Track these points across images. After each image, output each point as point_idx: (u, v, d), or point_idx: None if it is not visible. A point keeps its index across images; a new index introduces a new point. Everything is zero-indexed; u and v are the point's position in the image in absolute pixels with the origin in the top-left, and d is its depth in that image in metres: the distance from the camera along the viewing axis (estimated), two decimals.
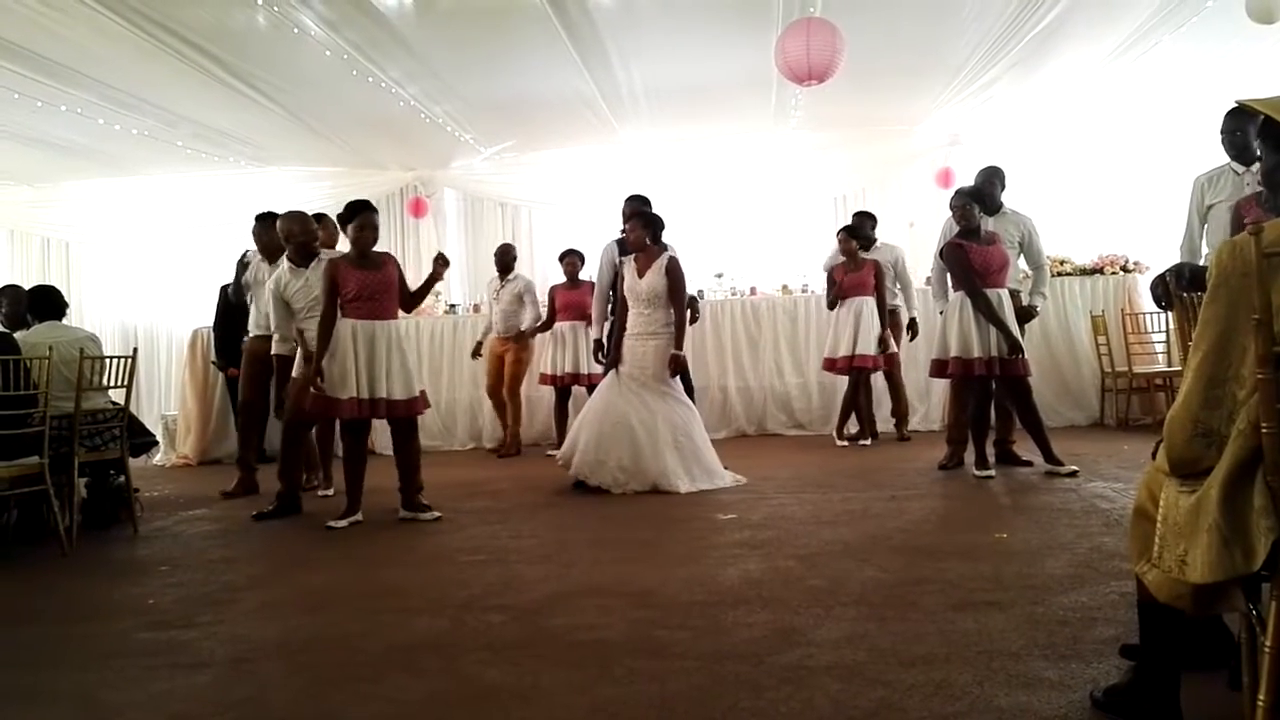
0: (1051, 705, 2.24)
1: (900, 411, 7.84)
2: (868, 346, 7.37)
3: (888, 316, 7.52)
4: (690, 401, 6.05)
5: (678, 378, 5.88)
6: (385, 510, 5.65)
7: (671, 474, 5.63)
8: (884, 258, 7.74)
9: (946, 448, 6.17)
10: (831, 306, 7.62)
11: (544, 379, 8.06)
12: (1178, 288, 2.45)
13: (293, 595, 3.75)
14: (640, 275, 5.83)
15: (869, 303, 7.42)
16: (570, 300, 7.85)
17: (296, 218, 5.67)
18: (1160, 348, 8.09)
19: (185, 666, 2.87)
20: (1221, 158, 5.01)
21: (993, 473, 5.62)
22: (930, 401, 8.32)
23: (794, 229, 9.80)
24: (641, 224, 5.92)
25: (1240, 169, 4.93)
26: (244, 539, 5.13)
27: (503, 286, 8.12)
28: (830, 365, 7.63)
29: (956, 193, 5.92)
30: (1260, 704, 1.69)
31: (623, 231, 6.27)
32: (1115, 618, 2.79)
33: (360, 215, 5.04)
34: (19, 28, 5.87)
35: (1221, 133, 4.91)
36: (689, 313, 6.15)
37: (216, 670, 2.83)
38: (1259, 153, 5.00)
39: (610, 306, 6.39)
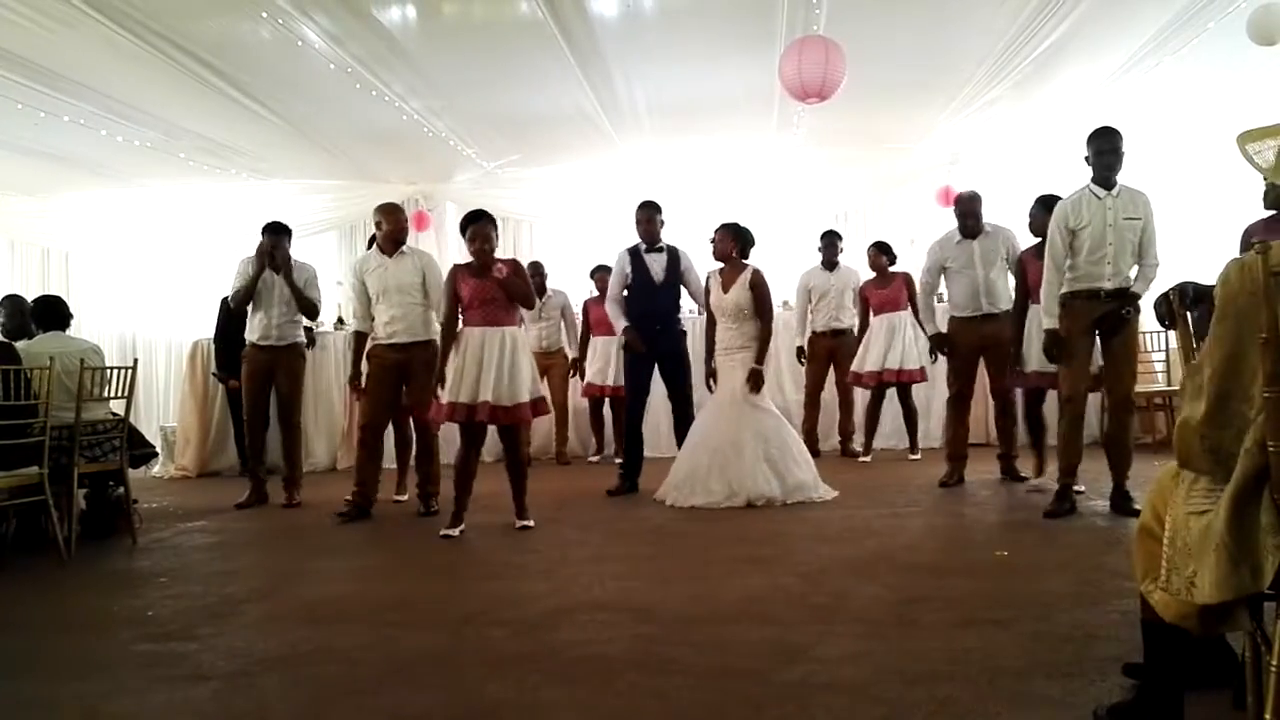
0: None
1: (847, 429, 7.91)
2: (909, 360, 7.41)
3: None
4: (777, 412, 6.06)
5: (763, 390, 5.90)
6: (388, 521, 5.67)
7: (762, 487, 5.59)
8: (846, 279, 7.77)
9: (947, 464, 6.18)
10: (864, 327, 7.66)
11: (585, 391, 8.29)
12: (1181, 306, 2.46)
13: (293, 608, 3.74)
14: (725, 290, 5.89)
15: (903, 317, 7.45)
16: (602, 315, 7.92)
17: (384, 209, 5.90)
18: (1160, 367, 8.10)
19: (185, 679, 2.86)
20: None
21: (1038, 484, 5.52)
22: (930, 420, 8.31)
23: (795, 245, 9.81)
24: (731, 236, 5.96)
25: (1102, 193, 4.86)
26: (244, 551, 5.13)
27: (542, 304, 8.25)
28: (857, 380, 7.65)
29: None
30: None
31: (638, 246, 6.42)
32: (1118, 636, 2.78)
33: (472, 226, 5.06)
34: (22, 39, 5.89)
35: (1097, 153, 4.86)
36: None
37: (216, 683, 2.81)
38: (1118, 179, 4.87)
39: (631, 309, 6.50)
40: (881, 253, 7.65)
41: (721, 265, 6.02)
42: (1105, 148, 4.85)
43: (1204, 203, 7.84)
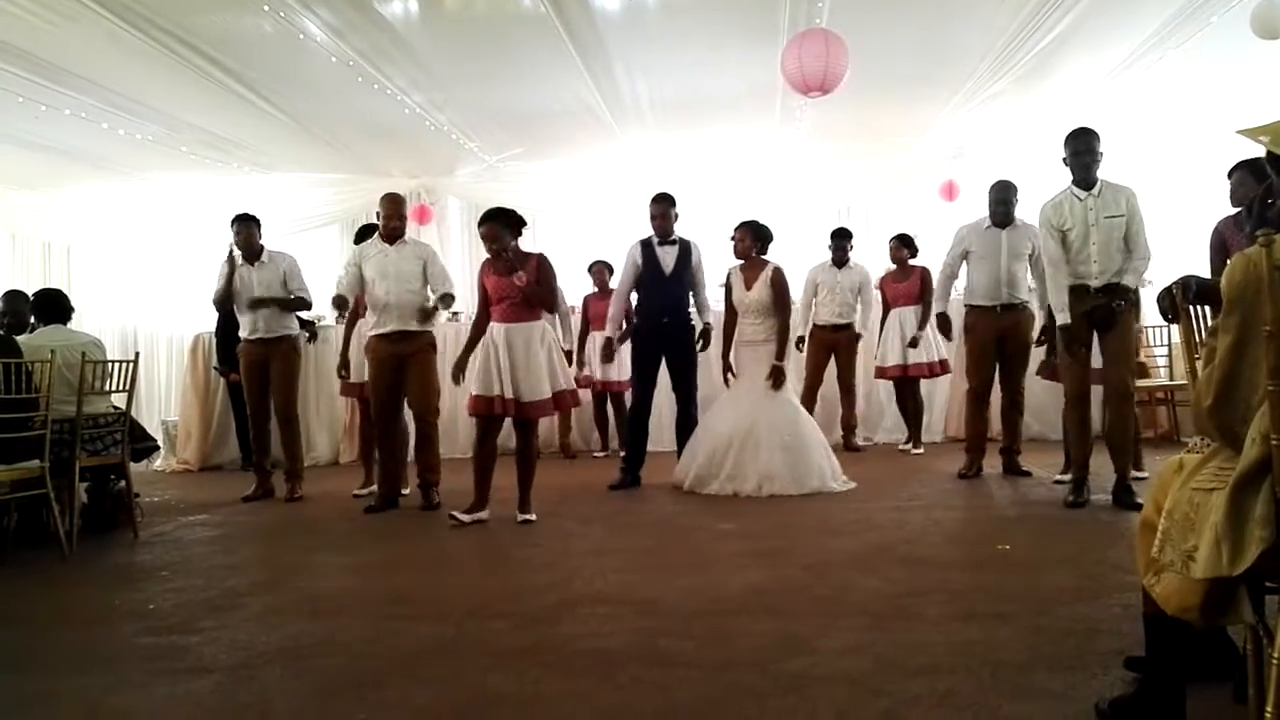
0: (1056, 716, 2.23)
1: (849, 423, 7.92)
2: (920, 354, 7.49)
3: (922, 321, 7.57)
4: (797, 402, 6.18)
5: (787, 382, 6.04)
6: (390, 514, 5.67)
7: (777, 476, 5.68)
8: (854, 277, 7.76)
9: (966, 456, 6.20)
10: (883, 320, 7.78)
11: (579, 384, 8.21)
12: (1184, 301, 2.45)
13: (295, 601, 3.74)
14: (748, 287, 6.03)
15: (918, 311, 7.54)
16: (602, 310, 7.92)
17: (383, 199, 5.92)
18: (1163, 361, 8.09)
19: (187, 672, 2.86)
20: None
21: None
22: (932, 414, 8.31)
23: (798, 240, 9.80)
24: (751, 234, 6.09)
25: (1083, 194, 4.94)
26: (245, 545, 5.13)
27: None
28: (881, 374, 7.83)
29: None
30: (1268, 716, 1.69)
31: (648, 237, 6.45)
32: (1119, 630, 2.78)
33: (481, 226, 5.15)
34: (24, 33, 5.88)
35: (1074, 154, 4.92)
36: (701, 341, 6.40)
37: (219, 676, 2.82)
38: (1099, 177, 4.91)
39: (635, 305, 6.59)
40: (903, 245, 7.74)
41: (740, 262, 6.13)
42: (1081, 148, 4.94)
43: (1205, 196, 7.81)
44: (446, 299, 5.86)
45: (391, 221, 5.83)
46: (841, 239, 7.80)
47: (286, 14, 5.91)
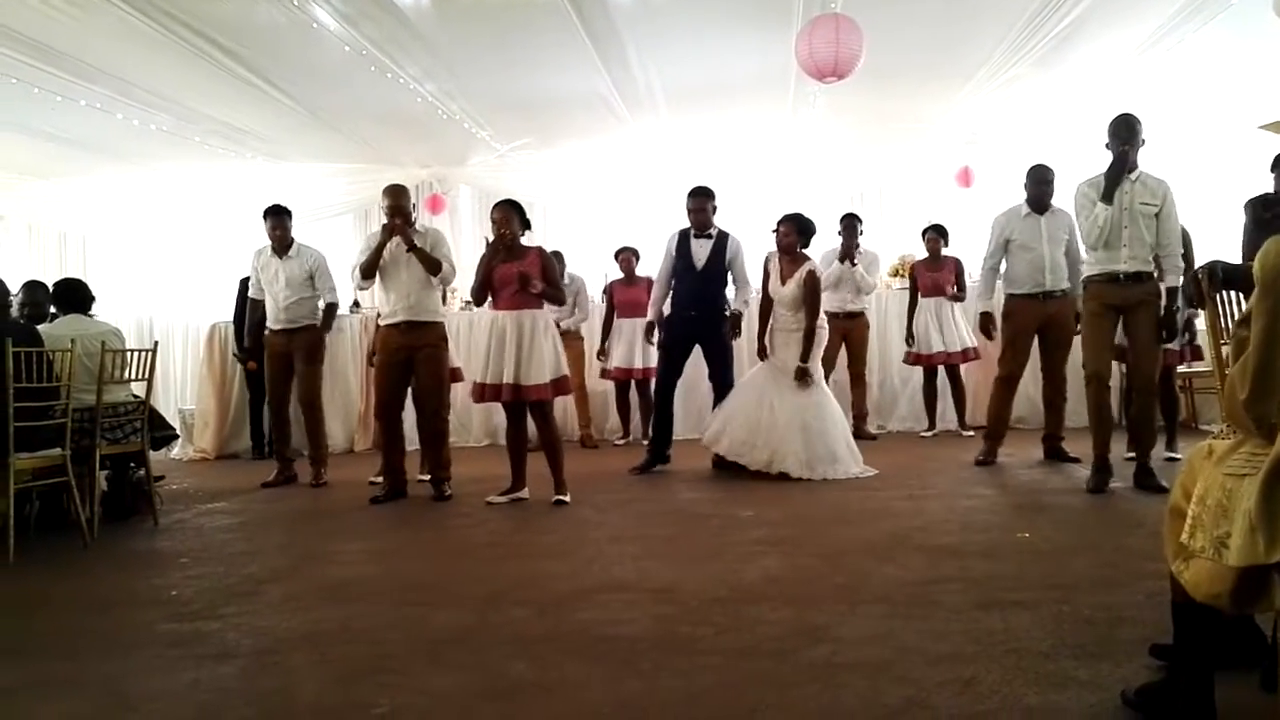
0: (1082, 704, 2.22)
1: (861, 410, 7.90)
2: (956, 342, 7.50)
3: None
4: (827, 389, 6.23)
5: (819, 367, 6.14)
6: (405, 503, 5.69)
7: (790, 455, 5.77)
8: (861, 263, 7.74)
9: (984, 443, 6.19)
10: (912, 307, 7.80)
11: (605, 374, 8.30)
12: (1211, 288, 2.43)
13: (316, 588, 3.76)
14: (783, 282, 6.08)
15: (945, 301, 7.55)
16: (628, 297, 7.95)
17: (389, 191, 5.81)
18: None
19: (210, 657, 2.88)
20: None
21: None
22: (946, 401, 8.28)
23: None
24: (796, 229, 6.14)
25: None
26: (263, 532, 5.15)
27: None
28: (918, 360, 7.88)
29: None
30: None
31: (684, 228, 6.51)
32: (1143, 618, 2.77)
33: (496, 209, 5.33)
34: (38, 23, 5.88)
35: (1112, 139, 4.95)
36: (732, 327, 6.41)
37: (242, 661, 2.83)
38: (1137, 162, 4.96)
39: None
40: (939, 236, 7.77)
41: (776, 249, 6.19)
42: (1122, 134, 4.93)
43: (1227, 178, 7.76)
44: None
45: (387, 210, 5.68)
46: (850, 222, 7.79)
47: (299, 2, 5.89)
